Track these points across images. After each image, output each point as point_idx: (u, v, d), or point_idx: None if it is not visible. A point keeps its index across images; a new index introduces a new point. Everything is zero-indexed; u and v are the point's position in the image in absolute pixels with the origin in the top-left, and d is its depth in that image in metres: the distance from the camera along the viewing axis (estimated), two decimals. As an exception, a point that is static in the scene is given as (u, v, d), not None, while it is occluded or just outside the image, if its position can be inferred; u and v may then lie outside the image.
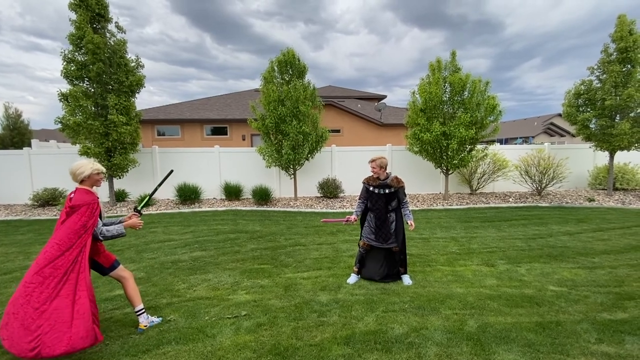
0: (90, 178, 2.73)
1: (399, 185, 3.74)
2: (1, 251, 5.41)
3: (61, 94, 8.15)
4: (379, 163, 3.68)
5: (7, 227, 7.22)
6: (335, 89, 23.79)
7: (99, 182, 2.82)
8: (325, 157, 10.45)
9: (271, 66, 8.88)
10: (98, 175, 2.77)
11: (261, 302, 3.40)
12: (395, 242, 3.81)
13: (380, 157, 3.73)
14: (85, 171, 2.68)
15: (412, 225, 3.77)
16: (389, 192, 3.73)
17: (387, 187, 3.71)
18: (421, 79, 9.21)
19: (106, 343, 2.71)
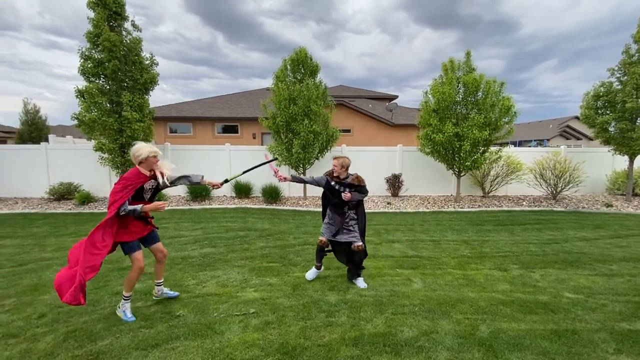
0: (148, 160, 2.99)
1: (360, 183, 3.81)
2: (17, 243, 5.56)
3: (78, 91, 8.32)
4: (341, 162, 3.76)
5: (24, 219, 7.41)
6: (346, 88, 23.71)
7: (154, 164, 3.04)
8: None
9: (284, 65, 8.89)
10: (155, 158, 3.03)
11: (269, 301, 3.40)
12: (354, 239, 3.79)
13: (344, 157, 3.82)
14: (142, 154, 2.97)
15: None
16: (350, 192, 3.78)
17: (349, 187, 3.78)
18: (434, 79, 9.09)
19: (117, 336, 2.74)
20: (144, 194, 3.07)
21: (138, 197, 3.03)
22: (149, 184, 3.07)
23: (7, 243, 5.54)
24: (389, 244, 5.52)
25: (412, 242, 5.65)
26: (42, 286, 3.78)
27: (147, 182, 3.04)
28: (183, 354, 2.49)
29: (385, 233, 6.23)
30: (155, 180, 3.11)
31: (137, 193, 3.00)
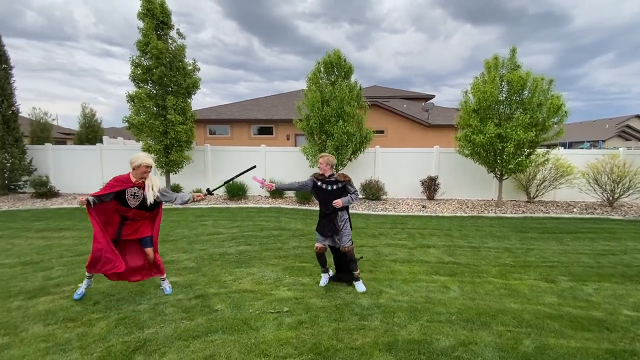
0: (139, 168, 3.28)
1: (345, 179, 3.81)
2: (76, 235, 6.11)
3: (129, 96, 8.99)
4: (326, 160, 3.77)
5: (82, 213, 8.13)
6: (381, 89, 23.38)
7: (145, 173, 3.32)
8: (368, 158, 10.31)
9: (317, 67, 8.97)
10: (146, 168, 3.30)
11: (302, 300, 3.44)
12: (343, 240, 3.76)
13: (329, 155, 3.84)
14: (136, 161, 3.27)
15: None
16: (337, 188, 3.78)
17: (334, 183, 3.79)
18: (475, 77, 8.69)
19: (161, 326, 2.93)
20: (127, 199, 3.28)
21: (122, 202, 3.30)
22: (132, 190, 3.29)
23: (67, 235, 6.11)
24: (424, 249, 5.36)
25: (448, 248, 5.44)
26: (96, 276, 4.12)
27: (130, 188, 3.29)
28: (221, 347, 2.61)
29: (420, 237, 6.06)
30: (139, 189, 3.31)
31: (121, 197, 3.27)
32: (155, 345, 2.62)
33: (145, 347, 2.61)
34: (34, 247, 5.31)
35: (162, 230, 6.42)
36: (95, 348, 2.60)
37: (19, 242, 5.64)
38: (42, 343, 2.66)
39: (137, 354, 2.52)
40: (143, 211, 3.41)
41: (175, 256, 4.89)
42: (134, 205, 3.33)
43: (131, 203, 3.31)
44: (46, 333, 2.81)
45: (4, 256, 4.88)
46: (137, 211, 3.37)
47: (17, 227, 6.72)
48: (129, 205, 3.31)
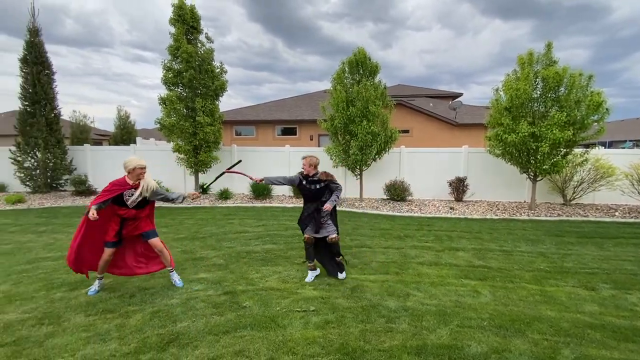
0: (134, 171, 3.43)
1: (327, 177, 3.98)
2: (113, 231, 6.44)
3: (160, 98, 9.38)
4: (309, 161, 3.95)
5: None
6: (405, 87, 22.99)
7: (141, 175, 3.48)
8: (393, 158, 10.16)
9: (342, 67, 8.95)
10: (141, 170, 3.46)
11: (328, 300, 3.45)
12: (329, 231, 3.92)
13: (312, 156, 4.04)
14: (130, 165, 3.43)
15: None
16: (320, 187, 3.96)
17: (317, 183, 3.96)
18: (507, 74, 8.33)
19: (193, 320, 3.03)
20: (125, 200, 3.46)
21: (120, 203, 3.46)
22: (129, 192, 3.45)
23: (105, 230, 6.46)
24: (452, 252, 5.21)
25: (478, 251, 5.25)
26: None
27: (127, 191, 3.45)
28: (250, 343, 2.66)
29: (448, 240, 5.89)
30: (135, 190, 3.47)
31: (119, 199, 3.44)
32: (187, 339, 2.72)
33: (178, 340, 2.71)
34: (75, 242, 5.66)
35: (192, 227, 6.66)
36: (132, 339, 2.73)
37: (61, 237, 6.02)
38: (84, 332, 2.83)
39: (171, 346, 2.63)
40: (141, 210, 3.60)
41: (205, 253, 5.04)
42: (132, 205, 3.50)
43: (129, 203, 3.49)
44: (87, 323, 2.98)
45: (48, 250, 5.24)
46: (135, 211, 3.54)
47: (59, 222, 7.19)
48: (128, 205, 3.48)
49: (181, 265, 4.51)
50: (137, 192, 3.47)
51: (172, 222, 7.13)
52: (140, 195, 3.49)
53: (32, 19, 10.41)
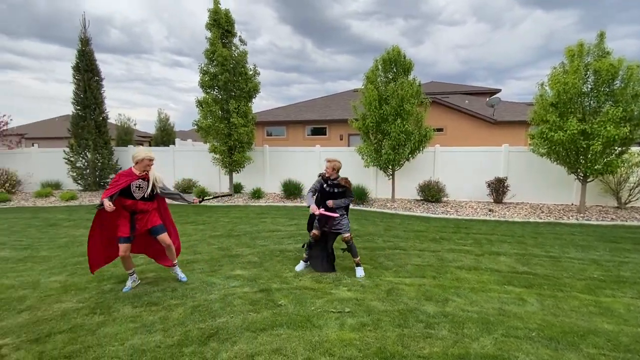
0: (142, 161, 3.51)
1: (347, 184, 4.21)
2: (155, 227, 6.80)
3: (197, 101, 9.77)
4: (333, 165, 4.18)
5: (158, 208, 9.04)
6: (439, 84, 22.25)
7: (148, 166, 3.57)
8: (427, 158, 9.86)
9: (375, 65, 8.81)
10: (149, 161, 3.55)
11: (363, 302, 3.39)
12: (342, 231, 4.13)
13: (337, 160, 4.24)
14: (139, 155, 3.51)
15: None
16: (339, 192, 4.18)
17: (336, 187, 4.19)
18: (553, 67, 7.78)
19: (231, 316, 3.10)
20: (132, 192, 3.52)
21: (127, 194, 3.51)
22: (136, 182, 3.51)
23: (148, 227, 6.83)
24: (493, 256, 4.95)
25: (522, 257, 4.95)
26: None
27: (135, 181, 3.50)
28: (287, 341, 2.67)
29: (487, 244, 5.61)
30: (144, 180, 3.56)
31: (126, 190, 3.48)
32: (226, 334, 2.79)
33: (218, 334, 2.79)
34: (121, 237, 6.03)
35: (227, 225, 6.86)
36: (175, 332, 2.84)
37: (110, 231, 6.44)
38: (131, 323, 2.99)
39: (212, 340, 2.70)
40: (149, 202, 3.67)
41: (240, 250, 5.17)
42: (139, 197, 3.57)
43: (136, 195, 3.55)
44: (134, 314, 3.16)
45: (99, 243, 5.62)
46: (143, 203, 3.60)
47: (108, 218, 7.70)
48: (135, 197, 3.55)
49: (218, 261, 4.66)
50: (150, 184, 3.57)
51: (209, 220, 7.39)
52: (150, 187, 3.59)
53: (83, 30, 11.27)
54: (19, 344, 2.68)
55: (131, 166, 3.60)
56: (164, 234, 3.73)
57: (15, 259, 4.85)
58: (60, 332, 2.85)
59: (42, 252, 5.21)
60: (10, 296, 3.58)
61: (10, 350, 2.59)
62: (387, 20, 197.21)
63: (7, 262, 4.76)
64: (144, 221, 3.64)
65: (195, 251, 5.17)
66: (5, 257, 5.00)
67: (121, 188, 3.45)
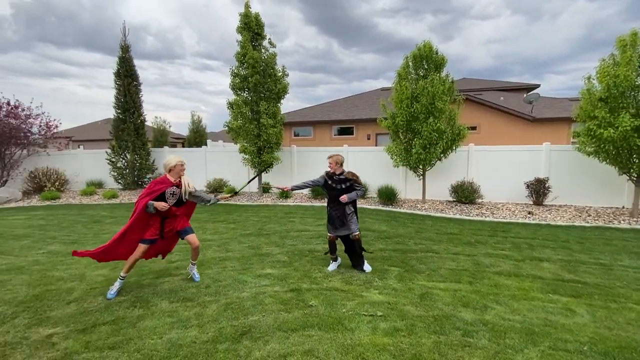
0: (175, 168, 3.60)
1: (353, 177, 4.15)
2: (189, 225, 7.04)
3: (228, 103, 10.02)
4: (335, 159, 4.14)
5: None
6: (471, 81, 21.39)
7: (181, 172, 3.66)
8: (460, 157, 9.48)
9: (405, 62, 8.59)
10: (182, 167, 3.64)
11: (396, 306, 3.29)
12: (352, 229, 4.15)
13: (337, 154, 4.21)
14: (171, 162, 3.60)
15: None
16: (346, 187, 4.14)
17: (343, 182, 4.15)
18: (601, 59, 7.19)
19: (262, 315, 3.12)
20: (166, 198, 3.58)
21: (162, 200, 3.55)
22: (170, 189, 3.59)
23: (182, 224, 7.09)
24: (534, 262, 4.64)
25: (567, 263, 4.60)
26: (206, 262, 4.67)
27: (169, 188, 3.58)
28: (318, 343, 2.64)
29: (528, 248, 5.28)
30: (177, 187, 3.63)
31: (161, 197, 3.55)
32: (259, 333, 2.81)
33: (250, 333, 2.81)
34: (158, 234, 6.29)
35: (257, 224, 6.97)
36: (209, 328, 2.91)
37: (148, 228, 6.75)
38: (168, 318, 3.09)
39: (244, 338, 2.73)
40: (181, 208, 3.77)
41: (269, 249, 5.22)
42: (172, 202, 3.65)
43: (170, 201, 3.62)
44: (171, 309, 3.26)
45: (138, 240, 5.90)
46: (175, 208, 3.68)
47: (146, 216, 8.08)
48: (168, 203, 3.62)
49: (249, 260, 4.73)
50: (183, 190, 3.65)
51: (239, 219, 7.55)
52: (185, 193, 3.68)
53: (123, 38, 11.93)
54: (68, 333, 2.85)
55: (165, 174, 3.66)
56: (193, 235, 3.80)
57: (64, 253, 5.20)
58: (104, 323, 3.01)
59: (87, 247, 5.55)
60: (60, 287, 3.83)
61: (60, 339, 2.76)
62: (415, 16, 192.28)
63: (57, 255, 5.12)
64: (172, 224, 3.73)
65: (227, 249, 5.28)
66: (55, 250, 5.38)
67: (157, 195, 3.52)
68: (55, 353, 2.56)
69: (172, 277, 4.15)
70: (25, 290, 3.76)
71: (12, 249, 5.45)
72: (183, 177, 3.70)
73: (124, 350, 2.59)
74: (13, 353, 2.57)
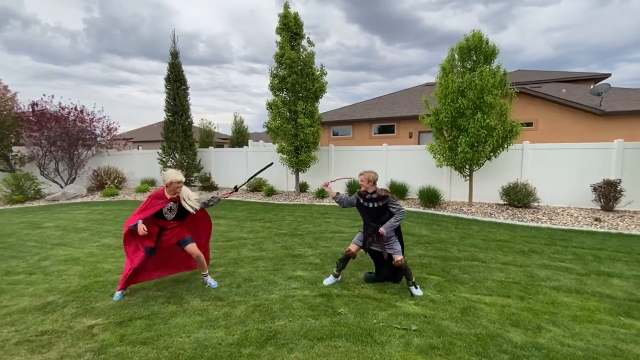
0: (171, 185, 3.47)
1: (384, 195, 3.67)
2: (226, 223, 7.25)
3: (268, 104, 10.18)
4: (367, 177, 3.68)
5: (232, 205, 9.69)
6: (527, 72, 19.59)
7: (177, 189, 3.52)
8: (512, 156, 8.65)
9: (451, 54, 8.01)
10: (177, 184, 3.49)
11: (433, 320, 3.01)
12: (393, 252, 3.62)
13: (371, 171, 3.71)
14: (167, 179, 3.47)
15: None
16: (378, 206, 3.66)
17: (376, 201, 3.68)
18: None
19: (289, 319, 3.03)
20: (164, 214, 3.56)
21: (159, 215, 3.55)
22: (167, 206, 3.53)
23: (221, 222, 7.31)
24: (602, 278, 4.02)
25: (646, 281, 3.91)
26: (240, 260, 4.72)
27: (167, 205, 3.52)
28: (345, 356, 2.48)
29: (594, 261, 4.60)
30: (174, 203, 3.56)
31: (159, 212, 3.51)
32: (284, 339, 2.72)
33: (275, 338, 2.73)
34: (198, 231, 6.54)
35: (292, 224, 6.96)
36: (236, 330, 2.88)
37: (190, 225, 7.06)
38: (198, 316, 3.13)
39: (269, 344, 2.66)
40: (180, 221, 3.69)
41: (302, 250, 5.15)
42: (171, 218, 3.61)
43: (167, 216, 3.59)
44: (201, 308, 3.31)
45: (180, 236, 6.18)
46: (174, 222, 3.64)
47: (189, 213, 8.48)
48: (166, 218, 3.59)
49: (281, 260, 4.70)
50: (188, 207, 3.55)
51: (275, 218, 7.61)
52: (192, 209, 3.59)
53: (173, 45, 12.69)
54: (107, 325, 3.00)
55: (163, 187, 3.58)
56: (192, 245, 3.72)
57: (115, 246, 5.60)
58: (140, 317, 3.13)
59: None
60: (107, 279, 4.09)
61: (100, 330, 2.92)
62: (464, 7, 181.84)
63: (109, 248, 5.52)
64: (170, 235, 3.67)
65: (261, 248, 5.31)
66: (108, 243, 5.81)
67: (152, 213, 3.50)
68: (93, 344, 2.70)
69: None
70: (77, 281, 4.07)
71: (73, 241, 5.99)
72: (182, 193, 3.56)
73: (154, 347, 2.65)
74: (57, 341, 2.75)
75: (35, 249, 5.55)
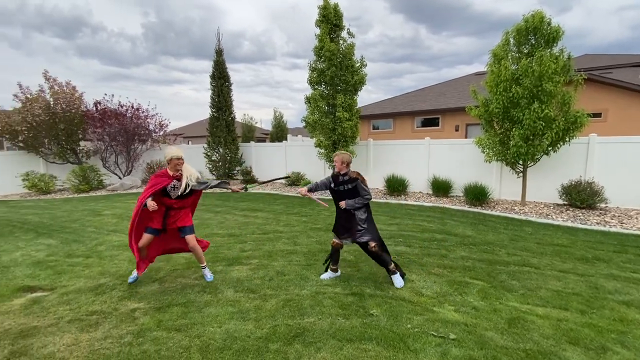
0: (171, 161, 3.51)
1: (358, 177, 3.64)
2: (264, 216, 7.38)
3: (306, 98, 10.16)
4: (341, 158, 3.64)
5: (270, 198, 9.87)
6: (595, 57, 17.43)
7: (178, 165, 3.54)
8: (575, 151, 7.73)
9: (505, 39, 7.27)
10: (177, 160, 3.52)
11: (474, 330, 2.75)
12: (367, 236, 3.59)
13: (345, 153, 3.70)
14: (167, 155, 3.53)
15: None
16: (348, 189, 3.65)
17: (347, 183, 3.65)
18: None
19: (319, 317, 2.96)
20: (168, 191, 3.58)
21: (164, 193, 3.58)
22: (171, 184, 3.55)
23: (259, 215, 7.47)
24: (688, 294, 3.40)
25: None
26: (274, 253, 4.75)
27: (170, 183, 3.54)
28: (374, 361, 2.35)
29: (677, 273, 3.92)
30: (178, 181, 3.57)
31: (163, 190, 3.55)
32: (312, 337, 2.65)
33: (304, 335, 2.67)
34: (237, 223, 6.74)
35: (327, 219, 6.88)
36: (265, 323, 2.87)
37: (228, 217, 7.31)
38: (230, 307, 3.18)
39: (297, 341, 2.61)
40: (184, 200, 3.72)
41: (336, 247, 5.04)
42: (175, 195, 3.62)
43: (172, 194, 3.62)
44: (234, 299, 3.36)
45: (219, 227, 6.41)
46: (178, 200, 3.66)
47: (230, 205, 8.80)
48: (171, 196, 3.61)
49: (314, 255, 4.65)
50: (183, 185, 3.55)
51: (312, 212, 7.59)
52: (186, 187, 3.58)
53: (217, 43, 13.17)
54: (147, 309, 3.16)
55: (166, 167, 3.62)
56: (192, 236, 3.73)
57: (161, 235, 5.94)
58: (177, 304, 3.25)
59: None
60: (151, 266, 4.33)
61: (141, 314, 3.08)
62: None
63: (155, 236, 5.88)
64: (175, 218, 3.72)
65: (295, 242, 5.31)
66: (155, 232, 6.20)
67: (157, 190, 3.52)
68: (134, 327, 2.85)
69: (242, 265, 4.32)
70: (126, 266, 4.38)
71: (125, 228, 6.46)
72: (185, 170, 3.59)
73: (187, 334, 2.73)
74: (104, 322, 2.95)
75: (94, 234, 6.10)
